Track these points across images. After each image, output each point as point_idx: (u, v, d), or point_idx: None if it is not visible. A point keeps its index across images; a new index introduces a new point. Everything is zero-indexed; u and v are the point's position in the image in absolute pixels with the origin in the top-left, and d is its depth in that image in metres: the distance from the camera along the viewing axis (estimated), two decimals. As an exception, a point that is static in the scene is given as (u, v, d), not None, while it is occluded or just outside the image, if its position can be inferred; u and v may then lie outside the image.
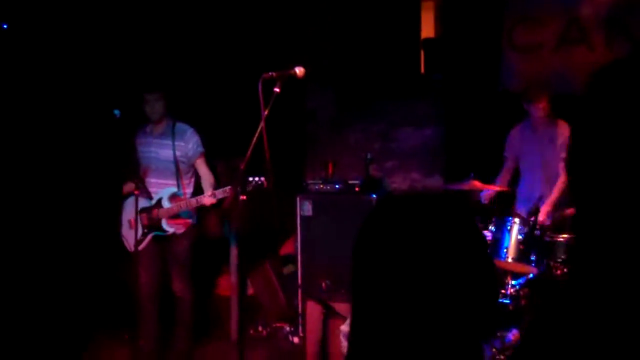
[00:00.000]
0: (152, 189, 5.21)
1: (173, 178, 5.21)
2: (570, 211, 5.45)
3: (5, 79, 5.60)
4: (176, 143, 5.21)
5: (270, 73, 3.99)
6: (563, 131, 5.66)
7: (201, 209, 5.29)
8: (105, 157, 5.57)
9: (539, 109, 5.70)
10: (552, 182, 5.66)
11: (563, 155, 5.67)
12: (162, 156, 5.20)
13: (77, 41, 5.85)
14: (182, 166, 5.24)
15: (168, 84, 5.30)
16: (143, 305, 5.19)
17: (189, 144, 5.25)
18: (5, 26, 5.60)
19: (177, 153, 5.21)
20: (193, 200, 5.10)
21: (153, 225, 5.17)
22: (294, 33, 6.59)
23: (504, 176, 5.98)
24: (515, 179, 5.98)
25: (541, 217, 5.43)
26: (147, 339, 5.22)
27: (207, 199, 5.00)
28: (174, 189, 5.20)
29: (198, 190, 5.29)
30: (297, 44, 6.54)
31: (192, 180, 5.33)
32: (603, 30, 6.49)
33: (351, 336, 1.43)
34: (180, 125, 5.27)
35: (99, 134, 5.63)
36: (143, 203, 5.15)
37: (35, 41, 5.71)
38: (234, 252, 5.25)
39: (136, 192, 4.96)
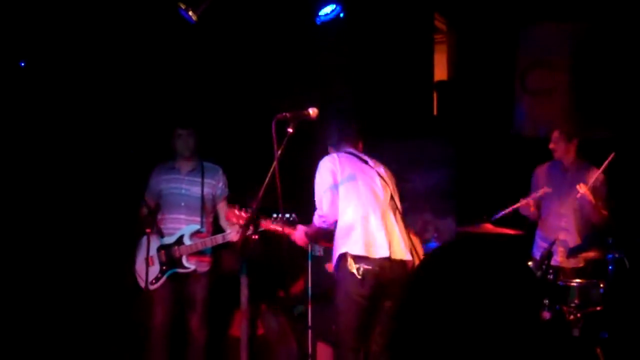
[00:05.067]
0: (179, 225, 5.20)
1: (198, 215, 5.24)
2: (590, 254, 5.42)
3: (27, 116, 5.66)
4: (206, 181, 5.28)
5: (283, 113, 4.01)
6: (597, 175, 5.62)
7: (217, 248, 5.30)
8: (122, 194, 5.60)
9: (570, 149, 5.74)
10: (577, 223, 5.64)
11: (602, 200, 5.63)
12: (192, 193, 5.25)
13: (97, 76, 5.91)
14: (207, 204, 5.28)
15: (198, 122, 5.37)
16: (154, 345, 5.15)
17: (219, 183, 5.34)
18: (22, 64, 5.66)
19: (206, 190, 5.27)
20: (219, 237, 5.11)
21: (173, 262, 5.16)
22: (308, 74, 6.63)
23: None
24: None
25: (583, 189, 5.47)
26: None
27: (235, 236, 5.01)
28: (197, 226, 5.21)
29: (217, 230, 5.30)
30: (310, 85, 6.58)
31: (212, 219, 5.37)
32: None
33: None
34: (209, 164, 5.36)
35: (117, 171, 5.68)
36: (163, 240, 5.16)
37: (58, 77, 5.78)
38: (244, 292, 5.23)
39: (148, 230, 4.97)
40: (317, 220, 4.49)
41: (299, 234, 4.60)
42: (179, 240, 5.17)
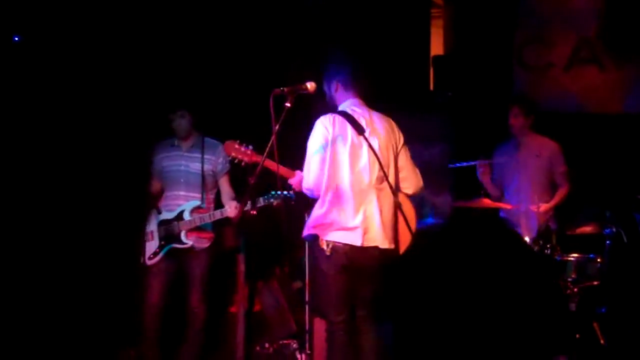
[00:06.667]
0: (179, 202, 5.20)
1: (199, 191, 5.22)
2: (587, 229, 5.45)
3: (22, 93, 5.62)
4: (206, 157, 5.25)
5: (281, 88, 3.97)
6: (550, 146, 5.83)
7: (217, 224, 5.29)
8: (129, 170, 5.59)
9: (527, 125, 5.91)
10: (538, 195, 5.70)
11: (562, 169, 5.76)
12: (192, 169, 5.23)
13: (97, 57, 5.86)
14: (208, 179, 5.27)
15: (190, 100, 5.32)
16: (149, 321, 5.13)
17: (219, 158, 5.30)
18: (16, 38, 5.60)
19: (206, 166, 5.25)
20: (217, 212, 5.12)
21: (171, 238, 5.15)
22: (304, 48, 6.58)
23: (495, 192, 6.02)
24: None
25: (542, 208, 5.58)
26: (152, 356, 5.16)
27: (232, 212, 5.03)
28: (198, 202, 5.20)
29: (218, 206, 5.28)
30: (306, 59, 6.53)
31: (214, 195, 5.35)
32: (612, 51, 6.50)
33: None
34: (209, 140, 5.33)
35: (121, 149, 5.66)
36: (164, 216, 5.16)
37: (53, 56, 5.73)
38: (241, 267, 5.23)
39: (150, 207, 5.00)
40: (301, 186, 4.32)
41: (297, 179, 4.39)
42: (179, 216, 5.15)
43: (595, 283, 5.06)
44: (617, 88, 6.53)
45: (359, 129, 4.31)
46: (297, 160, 4.42)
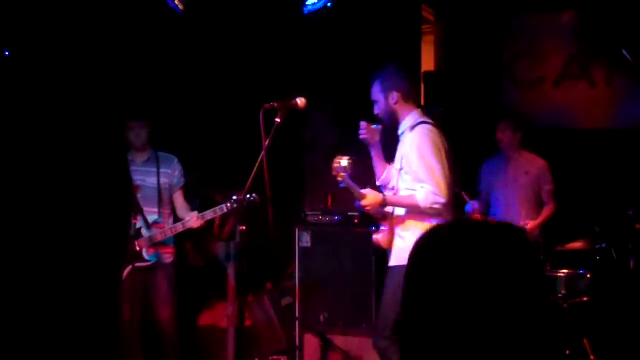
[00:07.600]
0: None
1: (156, 206, 5.15)
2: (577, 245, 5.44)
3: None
4: (162, 170, 5.18)
5: (271, 103, 3.98)
6: (539, 164, 5.83)
7: (179, 240, 5.23)
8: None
9: (515, 141, 5.90)
10: (525, 212, 5.71)
11: (549, 187, 5.76)
12: (148, 183, 5.16)
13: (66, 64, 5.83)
14: (165, 193, 5.19)
15: (155, 112, 5.28)
16: (129, 336, 5.04)
17: (175, 171, 5.24)
18: (7, 53, 5.58)
19: (163, 180, 5.17)
20: (179, 225, 5.04)
21: (132, 256, 5.01)
22: (295, 63, 6.59)
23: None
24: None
25: (529, 226, 5.57)
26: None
27: (195, 222, 4.96)
28: (155, 217, 5.12)
29: (175, 221, 5.22)
30: (297, 74, 6.54)
31: (170, 210, 5.27)
32: (603, 67, 6.52)
33: None
34: (163, 154, 5.27)
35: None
36: None
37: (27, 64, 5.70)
38: (231, 283, 5.20)
39: (134, 221, 4.91)
40: (428, 201, 4.06)
41: (373, 198, 4.25)
42: (138, 233, 5.04)
43: (585, 299, 5.06)
44: (607, 103, 6.55)
45: (446, 140, 4.33)
46: (282, 177, 4.41)
